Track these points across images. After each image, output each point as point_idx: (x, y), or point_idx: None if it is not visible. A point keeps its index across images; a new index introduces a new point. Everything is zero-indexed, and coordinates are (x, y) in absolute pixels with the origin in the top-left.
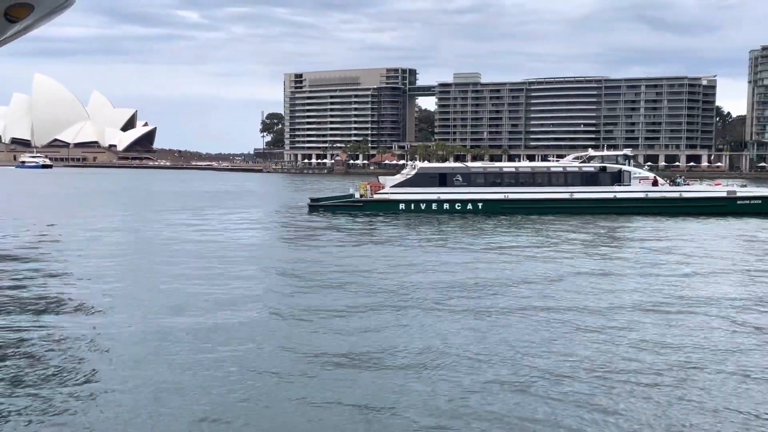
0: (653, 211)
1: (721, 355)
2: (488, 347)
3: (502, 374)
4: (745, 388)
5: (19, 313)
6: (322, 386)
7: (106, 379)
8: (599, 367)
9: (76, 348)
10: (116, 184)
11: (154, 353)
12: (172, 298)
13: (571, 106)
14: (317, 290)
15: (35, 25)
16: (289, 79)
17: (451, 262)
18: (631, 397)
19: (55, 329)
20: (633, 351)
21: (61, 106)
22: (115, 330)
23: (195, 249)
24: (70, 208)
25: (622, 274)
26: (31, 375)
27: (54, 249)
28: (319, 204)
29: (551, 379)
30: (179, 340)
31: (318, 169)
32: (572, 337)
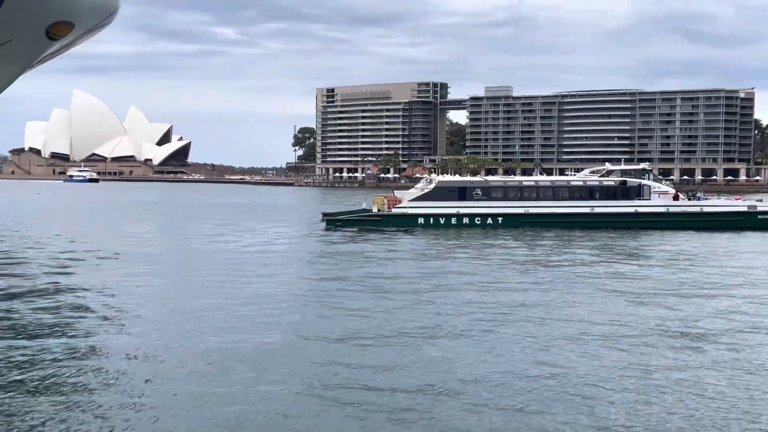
0: (674, 225)
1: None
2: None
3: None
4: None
5: (61, 321)
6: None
7: (132, 390)
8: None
9: (108, 357)
10: (156, 196)
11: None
12: (188, 319)
13: (605, 120)
14: (351, 309)
15: (75, 43)
16: (321, 94)
17: (486, 282)
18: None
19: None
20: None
21: (99, 121)
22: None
23: (223, 263)
24: (123, 220)
25: (675, 295)
26: (68, 381)
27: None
28: (336, 219)
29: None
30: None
31: (349, 182)
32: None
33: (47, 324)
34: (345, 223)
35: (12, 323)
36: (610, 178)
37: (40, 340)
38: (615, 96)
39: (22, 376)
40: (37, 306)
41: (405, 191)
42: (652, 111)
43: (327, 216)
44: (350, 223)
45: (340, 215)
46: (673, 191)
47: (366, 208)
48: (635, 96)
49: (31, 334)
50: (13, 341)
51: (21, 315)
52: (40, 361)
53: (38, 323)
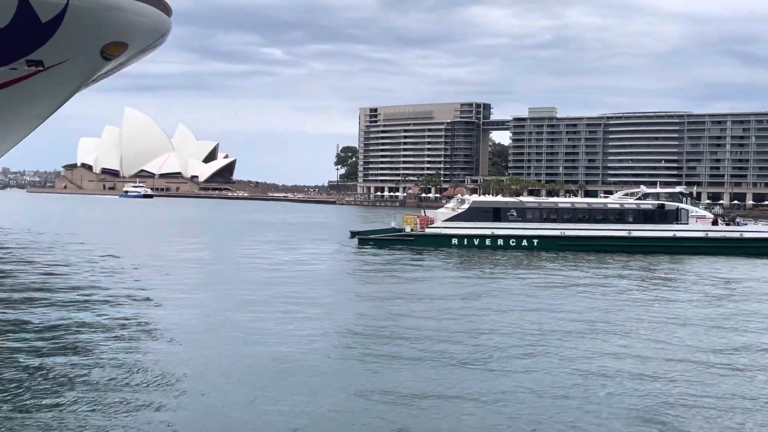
0: (713, 251)
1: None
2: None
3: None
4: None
5: (102, 332)
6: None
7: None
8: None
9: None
10: (204, 212)
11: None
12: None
13: (652, 142)
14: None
15: (129, 62)
16: (364, 114)
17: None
18: None
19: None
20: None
21: (148, 138)
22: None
23: (259, 279)
24: (172, 234)
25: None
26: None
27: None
28: (369, 238)
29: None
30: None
31: (390, 201)
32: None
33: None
34: (378, 243)
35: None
36: (647, 201)
37: (82, 346)
38: (662, 118)
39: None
40: (93, 313)
41: (436, 210)
42: (702, 134)
43: (357, 235)
44: (383, 242)
45: (371, 234)
46: (711, 216)
47: (395, 227)
48: (683, 118)
49: (75, 340)
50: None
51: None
52: (78, 365)
53: (88, 331)
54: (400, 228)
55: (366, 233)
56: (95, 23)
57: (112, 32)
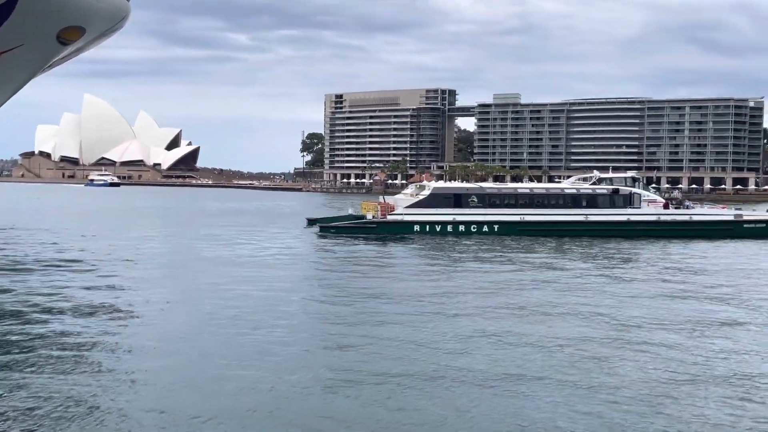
0: (664, 234)
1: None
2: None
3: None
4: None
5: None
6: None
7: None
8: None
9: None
10: (169, 201)
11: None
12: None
13: (614, 128)
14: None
15: (86, 48)
16: (329, 100)
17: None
18: None
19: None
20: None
21: (108, 125)
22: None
23: (224, 269)
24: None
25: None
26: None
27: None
28: (329, 226)
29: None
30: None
31: (356, 188)
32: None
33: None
34: (339, 230)
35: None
36: (601, 186)
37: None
38: (624, 104)
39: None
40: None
41: (395, 197)
42: (661, 120)
43: (317, 222)
44: (344, 229)
45: (330, 221)
46: (662, 200)
47: (352, 214)
48: (644, 104)
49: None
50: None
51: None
52: (42, 356)
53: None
54: (358, 215)
55: (324, 220)
56: (51, 7)
57: (69, 16)
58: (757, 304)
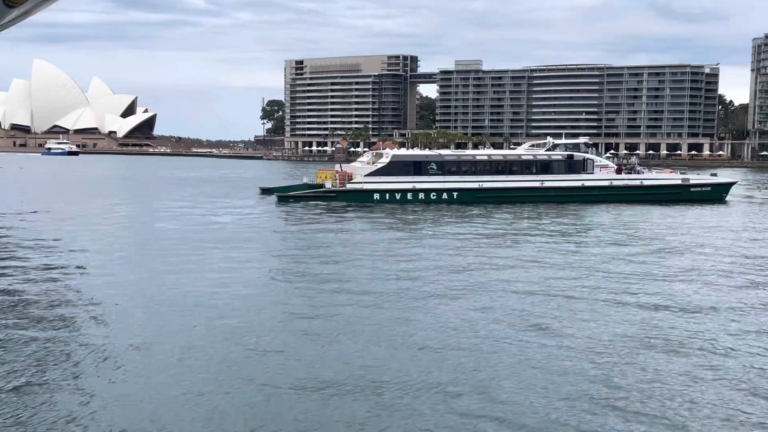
0: (617, 198)
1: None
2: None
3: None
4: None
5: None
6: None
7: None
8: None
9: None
10: (128, 170)
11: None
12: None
13: (573, 94)
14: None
15: (34, 11)
16: (290, 66)
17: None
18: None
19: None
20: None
21: (60, 92)
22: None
23: (188, 237)
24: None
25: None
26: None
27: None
28: (288, 195)
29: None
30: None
31: (318, 156)
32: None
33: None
34: (298, 199)
35: None
36: (556, 152)
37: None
38: (583, 71)
39: None
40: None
41: (352, 165)
42: (620, 86)
43: (267, 191)
44: (303, 199)
45: (286, 190)
46: (614, 165)
47: (308, 183)
48: (603, 71)
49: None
50: None
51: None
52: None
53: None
54: (313, 183)
55: (278, 190)
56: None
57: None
58: (701, 258)
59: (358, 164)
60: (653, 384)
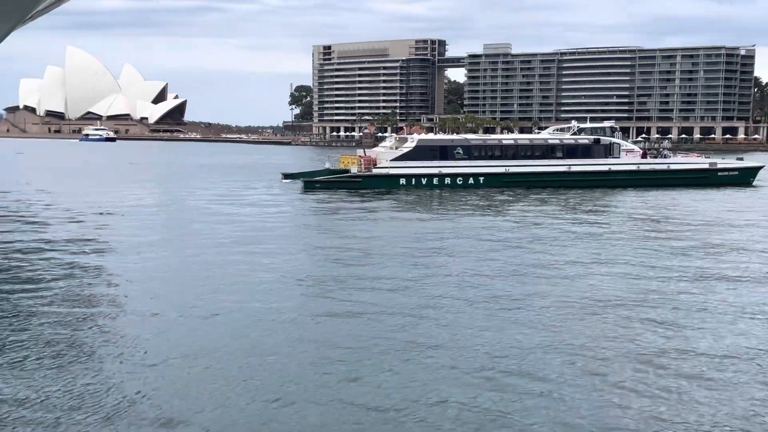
0: (644, 183)
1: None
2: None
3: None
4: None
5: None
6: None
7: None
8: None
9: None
10: (167, 157)
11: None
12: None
13: (604, 78)
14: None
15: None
16: (317, 51)
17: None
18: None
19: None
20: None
21: (93, 78)
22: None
23: (221, 231)
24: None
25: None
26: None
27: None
28: (314, 180)
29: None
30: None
31: (346, 141)
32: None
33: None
34: (324, 185)
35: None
36: (582, 136)
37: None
38: (615, 53)
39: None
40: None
41: (376, 150)
42: (652, 69)
43: (290, 176)
44: (330, 184)
45: (309, 176)
46: (640, 149)
47: (330, 168)
48: (635, 53)
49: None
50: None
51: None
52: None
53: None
54: (336, 169)
55: (301, 175)
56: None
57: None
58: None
59: (381, 149)
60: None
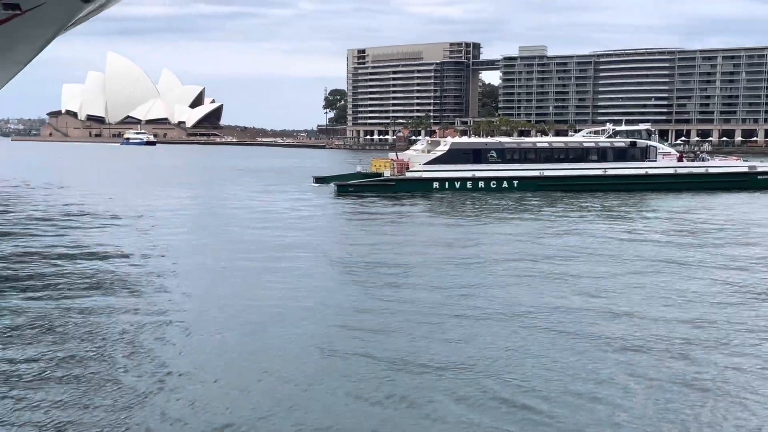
0: (681, 187)
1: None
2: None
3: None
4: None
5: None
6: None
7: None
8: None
9: (142, 329)
10: (205, 160)
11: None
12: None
13: (642, 79)
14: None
15: (108, 5)
16: (352, 55)
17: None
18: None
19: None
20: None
21: (132, 83)
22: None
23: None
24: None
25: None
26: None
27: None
28: (347, 184)
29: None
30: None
31: (380, 145)
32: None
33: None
34: (357, 189)
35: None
36: (618, 139)
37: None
38: (653, 54)
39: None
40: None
41: (407, 153)
42: (692, 70)
43: (321, 180)
44: (363, 188)
45: (340, 180)
46: (676, 152)
47: (362, 171)
48: (674, 55)
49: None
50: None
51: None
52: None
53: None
54: (367, 172)
55: (332, 179)
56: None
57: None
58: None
59: (413, 152)
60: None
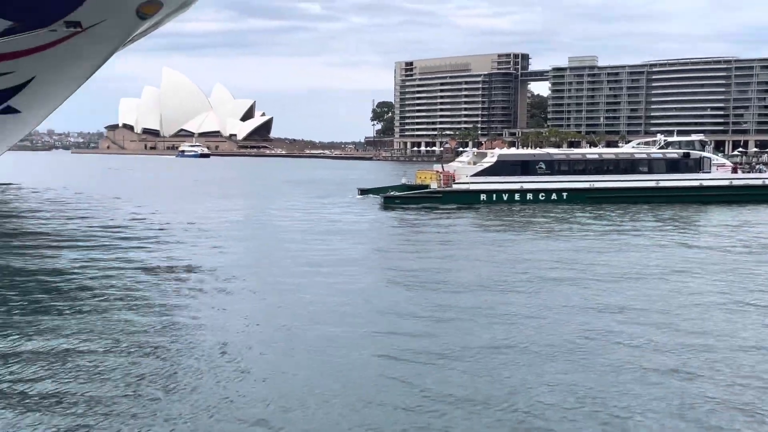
0: (736, 199)
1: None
2: None
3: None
4: None
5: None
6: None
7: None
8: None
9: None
10: (257, 171)
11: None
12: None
13: (697, 90)
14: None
15: (164, 22)
16: (399, 68)
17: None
18: None
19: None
20: None
21: (186, 97)
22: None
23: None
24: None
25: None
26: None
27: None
28: (393, 196)
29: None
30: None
31: (427, 156)
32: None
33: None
34: (404, 201)
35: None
36: (671, 150)
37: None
38: (708, 64)
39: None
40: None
41: (452, 165)
42: (750, 80)
43: (366, 192)
44: (409, 200)
45: (386, 191)
46: (731, 164)
47: (406, 183)
48: (731, 64)
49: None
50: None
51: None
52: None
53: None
54: (413, 184)
55: (376, 191)
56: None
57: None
58: None
59: (458, 164)
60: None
